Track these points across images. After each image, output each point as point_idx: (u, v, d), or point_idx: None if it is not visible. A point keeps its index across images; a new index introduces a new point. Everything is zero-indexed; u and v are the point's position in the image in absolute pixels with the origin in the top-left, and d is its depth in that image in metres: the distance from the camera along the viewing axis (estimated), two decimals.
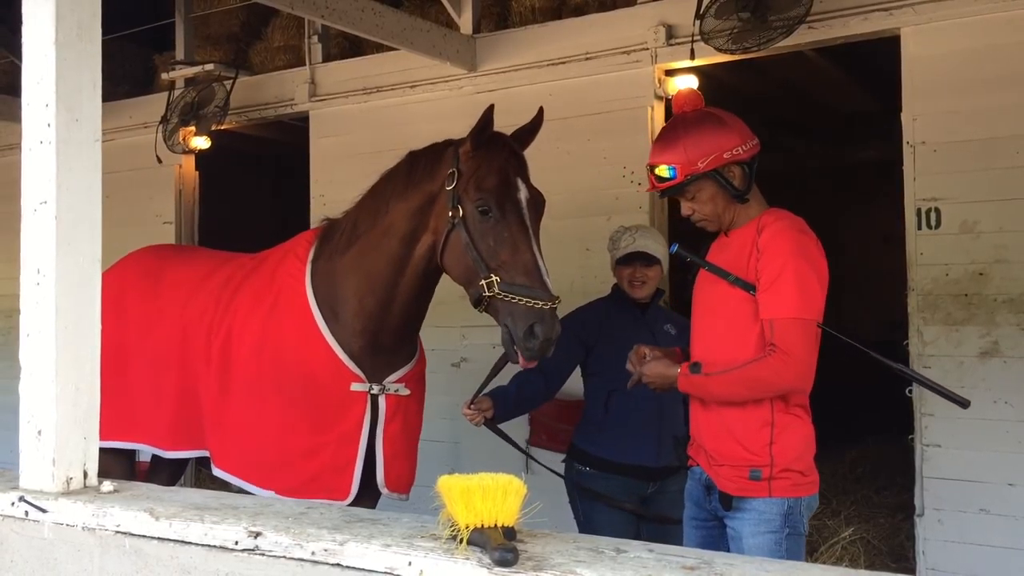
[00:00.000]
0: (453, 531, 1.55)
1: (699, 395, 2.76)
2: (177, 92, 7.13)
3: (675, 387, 2.80)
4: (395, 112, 6.37)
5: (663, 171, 2.80)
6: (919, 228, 4.66)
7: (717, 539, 2.87)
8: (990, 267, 4.51)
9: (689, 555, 1.44)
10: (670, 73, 5.52)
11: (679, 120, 2.87)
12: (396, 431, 3.31)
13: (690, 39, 5.11)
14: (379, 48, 6.30)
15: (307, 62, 6.83)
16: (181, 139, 7.05)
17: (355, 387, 3.26)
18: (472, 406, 3.50)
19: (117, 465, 3.64)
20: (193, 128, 6.98)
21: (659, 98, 5.52)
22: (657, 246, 3.76)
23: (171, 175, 7.35)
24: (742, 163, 2.77)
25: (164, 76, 7.32)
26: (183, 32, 7.46)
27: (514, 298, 2.94)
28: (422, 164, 3.25)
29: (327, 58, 6.85)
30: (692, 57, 5.13)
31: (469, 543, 1.52)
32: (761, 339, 2.68)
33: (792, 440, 2.70)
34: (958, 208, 4.59)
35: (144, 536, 1.88)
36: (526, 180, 3.15)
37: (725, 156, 2.74)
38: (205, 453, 3.49)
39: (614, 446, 3.69)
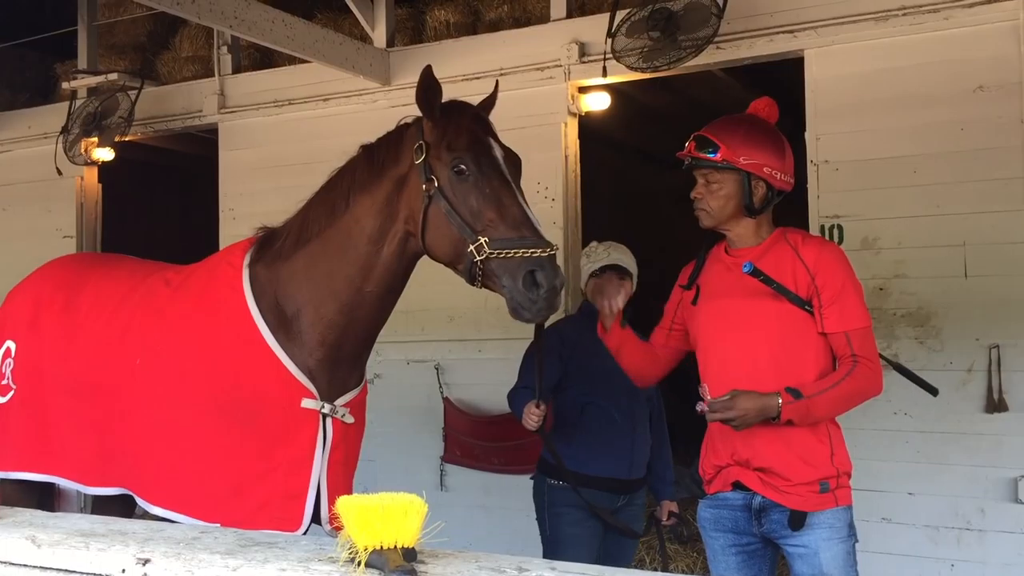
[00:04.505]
0: (351, 553, 1.50)
1: (800, 420, 2.68)
2: (79, 102, 6.89)
3: (769, 417, 2.67)
4: (307, 125, 6.28)
5: (707, 145, 2.83)
6: None
7: (761, 562, 2.86)
8: (889, 282, 4.66)
9: (590, 571, 1.43)
10: (583, 90, 5.58)
11: (751, 118, 2.94)
12: (338, 461, 3.01)
13: (602, 57, 5.17)
14: (291, 60, 6.22)
15: (216, 73, 6.69)
16: (83, 150, 6.82)
17: (306, 404, 2.93)
18: (539, 407, 3.37)
19: (27, 499, 3.30)
20: (96, 139, 6.76)
21: (572, 114, 5.56)
22: (630, 261, 3.82)
23: (72, 187, 7.09)
24: (770, 187, 2.83)
25: (65, 85, 7.08)
26: (86, 40, 7.23)
27: (507, 252, 2.70)
28: (384, 149, 3.00)
29: (237, 69, 6.72)
30: (604, 74, 5.19)
31: (367, 565, 1.48)
32: (821, 353, 2.75)
33: (843, 449, 2.81)
34: (859, 225, 4.73)
35: (25, 565, 1.78)
36: (498, 140, 2.96)
37: (764, 170, 2.80)
38: (129, 492, 3.14)
39: (589, 459, 3.69)
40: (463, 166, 2.82)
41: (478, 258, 2.74)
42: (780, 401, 2.65)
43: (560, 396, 3.77)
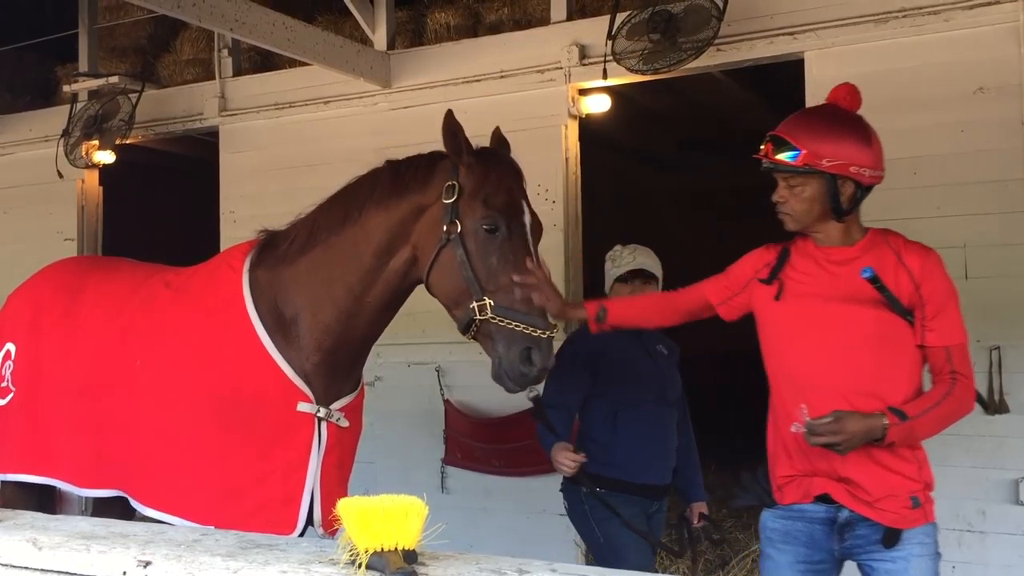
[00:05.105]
0: (352, 555, 1.50)
1: (902, 441, 2.53)
2: (80, 105, 6.90)
3: (873, 439, 2.49)
4: (308, 128, 6.29)
5: (784, 150, 2.61)
6: None
7: None
8: None
9: (590, 573, 1.43)
10: (584, 92, 5.58)
11: (831, 110, 2.70)
12: (332, 465, 3.01)
13: (603, 59, 5.18)
14: (292, 63, 6.22)
15: (217, 76, 6.70)
16: (84, 153, 6.82)
17: (302, 407, 2.95)
18: (566, 456, 3.30)
19: (27, 501, 3.31)
20: (96, 142, 6.76)
21: (573, 117, 5.57)
22: (655, 264, 3.75)
23: (73, 190, 7.10)
24: (859, 185, 2.62)
25: (66, 88, 7.08)
26: (87, 43, 7.24)
27: (510, 323, 2.78)
28: (411, 173, 3.01)
29: (238, 72, 6.73)
30: (605, 77, 5.20)
31: (368, 567, 1.48)
32: (916, 365, 2.60)
33: (928, 462, 2.65)
34: None
35: (26, 568, 1.78)
36: (529, 204, 3.01)
37: (851, 169, 2.58)
38: (124, 494, 3.16)
39: (625, 466, 3.61)
40: (494, 225, 2.86)
41: (478, 316, 2.81)
42: (886, 423, 2.47)
43: (591, 403, 3.68)
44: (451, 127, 2.93)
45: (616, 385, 3.67)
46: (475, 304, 2.81)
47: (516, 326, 2.78)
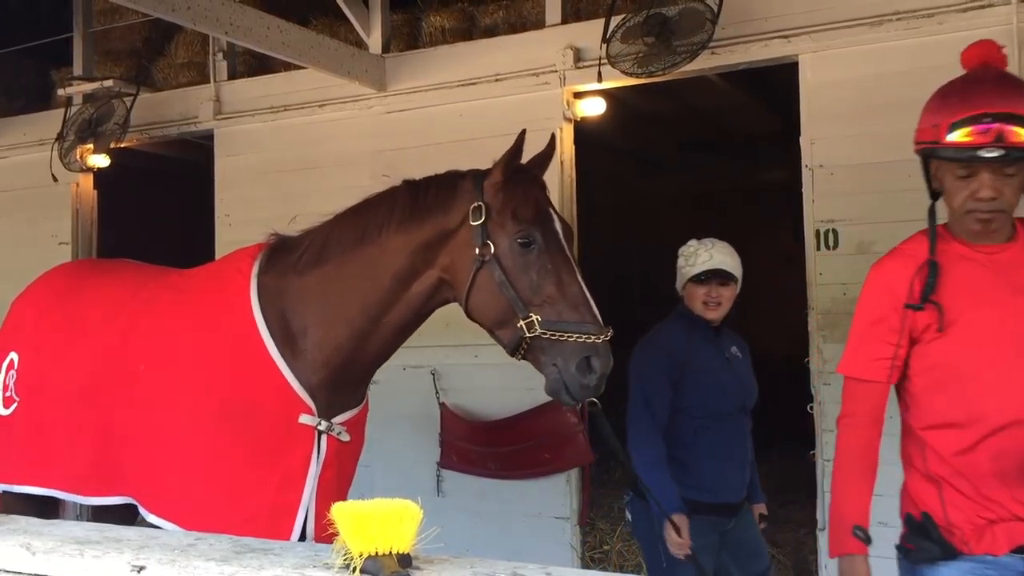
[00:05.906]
0: (346, 559, 1.50)
1: None
2: (75, 108, 6.89)
3: None
4: (303, 131, 6.29)
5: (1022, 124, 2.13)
6: (818, 249, 4.81)
7: None
8: None
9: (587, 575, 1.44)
10: (579, 95, 5.59)
11: (1003, 74, 2.33)
12: (330, 478, 2.99)
13: (597, 62, 5.18)
14: (287, 66, 6.22)
15: (212, 79, 6.70)
16: (78, 157, 6.81)
17: (303, 419, 2.91)
18: (675, 540, 3.09)
19: (28, 511, 3.29)
20: (91, 146, 6.75)
21: (568, 120, 5.58)
22: (735, 263, 3.55)
23: (67, 194, 7.08)
24: None
25: (61, 92, 7.07)
26: (82, 46, 7.23)
27: (562, 335, 2.69)
28: (431, 195, 2.95)
29: (233, 75, 6.73)
30: (600, 80, 5.21)
31: (362, 571, 1.48)
32: None
33: None
34: (854, 229, 4.74)
35: (20, 573, 1.77)
36: (556, 210, 2.96)
37: None
38: (130, 500, 3.12)
39: (704, 486, 3.44)
40: (529, 239, 2.80)
41: (528, 334, 2.74)
42: None
43: (672, 417, 3.48)
44: (521, 148, 2.92)
45: (699, 401, 3.50)
46: (522, 322, 2.74)
47: (569, 337, 2.70)
